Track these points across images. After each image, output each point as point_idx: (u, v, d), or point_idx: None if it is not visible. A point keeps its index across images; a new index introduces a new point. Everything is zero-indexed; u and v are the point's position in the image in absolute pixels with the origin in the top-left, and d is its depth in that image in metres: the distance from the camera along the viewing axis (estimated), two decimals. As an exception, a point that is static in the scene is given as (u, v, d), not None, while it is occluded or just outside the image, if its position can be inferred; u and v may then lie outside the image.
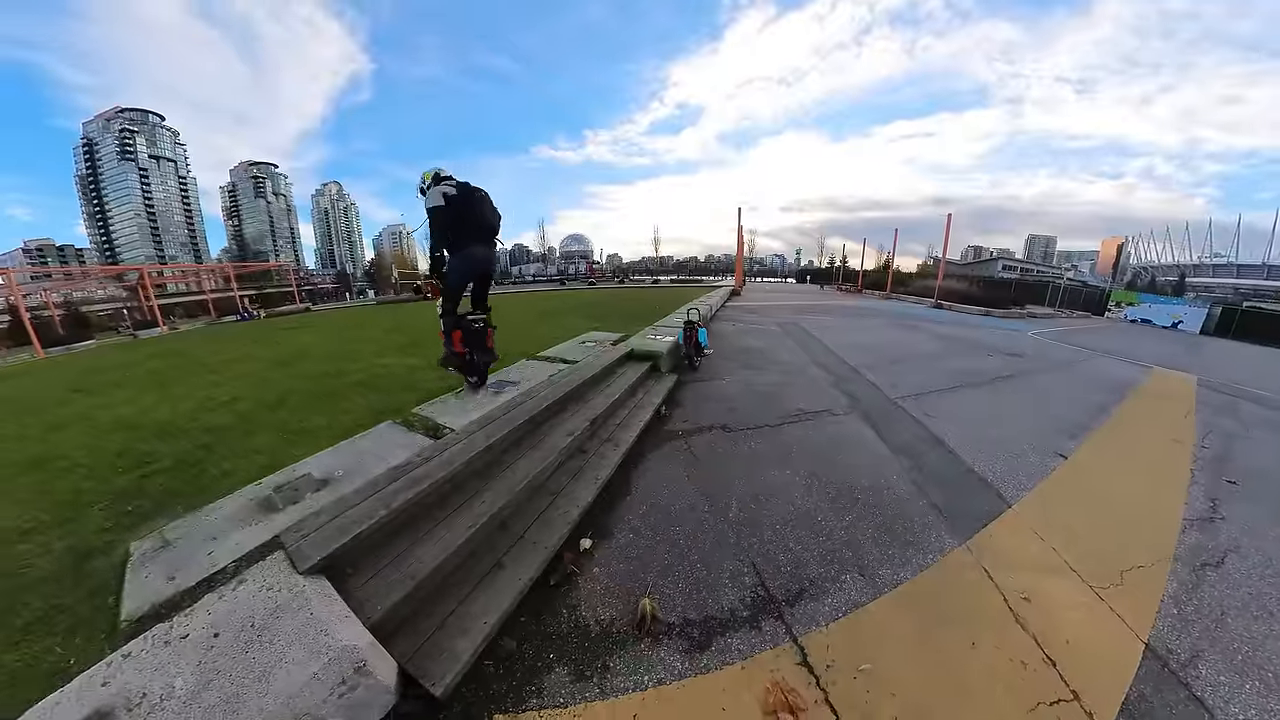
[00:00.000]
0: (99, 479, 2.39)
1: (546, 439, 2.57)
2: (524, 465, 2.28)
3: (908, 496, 2.47)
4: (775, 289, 29.33)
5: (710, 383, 4.54)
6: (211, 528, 1.77)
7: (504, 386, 3.29)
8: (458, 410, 2.86)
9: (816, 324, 9.57)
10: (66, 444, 3.05)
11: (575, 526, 2.02)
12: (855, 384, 4.73)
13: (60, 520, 2.00)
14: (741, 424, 3.43)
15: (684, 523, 2.18)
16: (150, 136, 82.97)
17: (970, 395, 4.59)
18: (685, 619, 1.61)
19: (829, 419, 3.65)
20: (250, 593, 1.36)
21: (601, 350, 4.45)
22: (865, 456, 2.98)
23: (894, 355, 6.48)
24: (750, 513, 2.27)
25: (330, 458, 2.31)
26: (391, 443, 2.43)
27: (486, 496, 2.00)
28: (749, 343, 7.00)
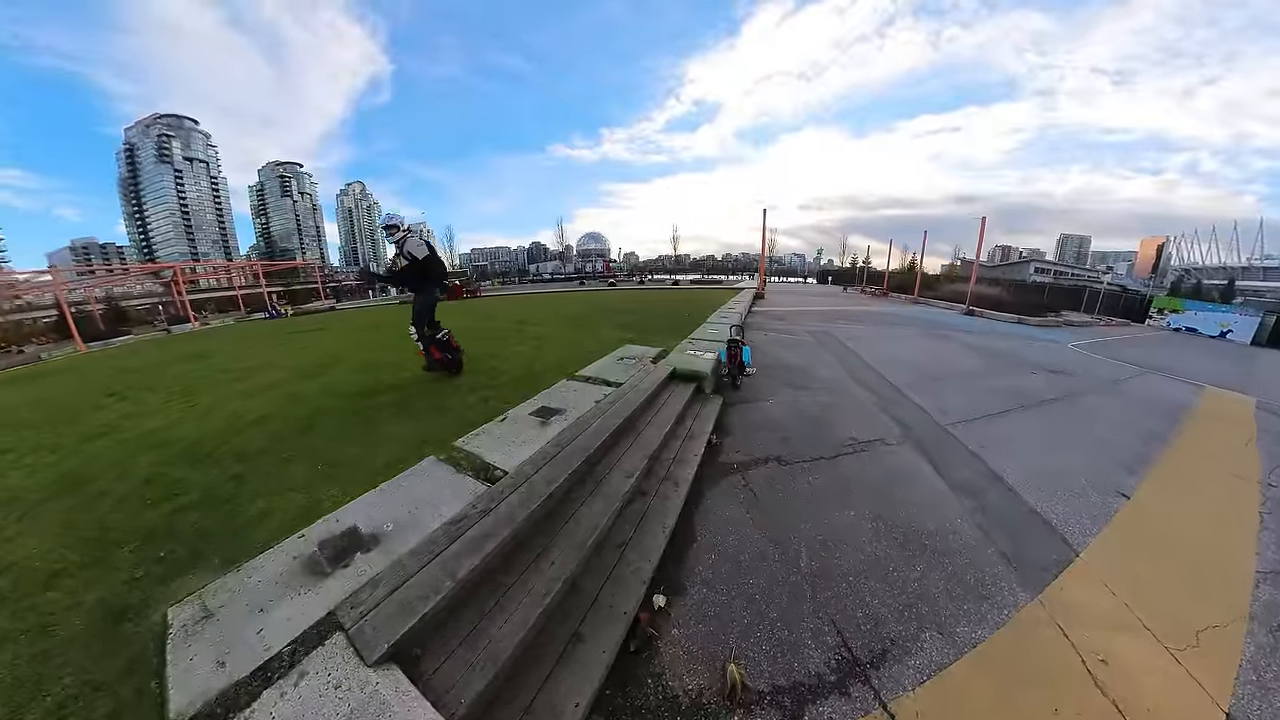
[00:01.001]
0: (128, 511, 2.38)
1: (606, 481, 2.55)
2: (587, 514, 2.23)
3: (975, 543, 2.45)
4: (796, 291, 28.91)
5: (755, 405, 4.54)
6: (256, 593, 1.63)
7: (550, 416, 3.29)
8: (503, 443, 2.79)
9: (849, 334, 9.44)
10: (97, 461, 3.16)
11: (649, 584, 1.99)
12: (902, 408, 4.67)
13: (88, 561, 1.96)
14: (796, 455, 3.44)
15: (756, 574, 2.19)
16: (185, 140, 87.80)
17: (1020, 421, 4.50)
18: (774, 685, 1.62)
19: (883, 449, 3.63)
20: (316, 691, 1.23)
21: (642, 369, 4.50)
22: (925, 494, 2.96)
23: (934, 372, 6.36)
24: (821, 561, 2.28)
25: (376, 502, 2.20)
26: (440, 485, 2.32)
27: (554, 555, 1.95)
28: (785, 356, 6.96)
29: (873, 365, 6.46)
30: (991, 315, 15.17)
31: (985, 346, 8.69)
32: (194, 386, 5.42)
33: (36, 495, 2.71)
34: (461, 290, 24.94)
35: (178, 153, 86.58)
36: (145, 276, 44.45)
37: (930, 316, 14.39)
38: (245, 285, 39.59)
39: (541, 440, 2.79)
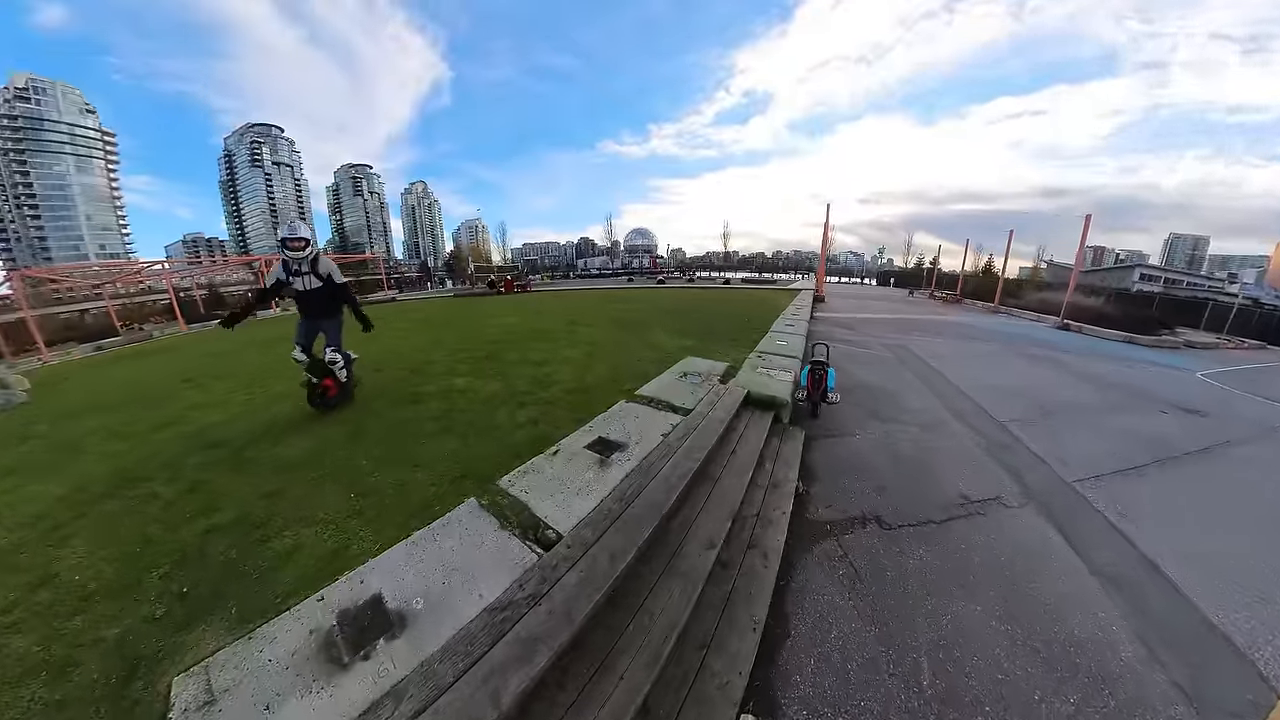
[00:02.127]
0: (168, 523, 2.43)
1: (681, 552, 2.05)
2: (660, 602, 1.79)
3: (1139, 664, 1.86)
4: (856, 294, 26.98)
5: (840, 440, 3.95)
6: (265, 679, 1.41)
7: (610, 452, 2.80)
8: (556, 487, 2.36)
9: (928, 349, 8.38)
10: (157, 457, 3.35)
11: (739, 706, 1.53)
12: (1013, 453, 3.91)
13: (121, 585, 1.98)
14: (898, 515, 2.86)
15: (868, 692, 1.71)
16: (273, 146, 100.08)
17: (1163, 481, 3.64)
18: None
19: (1002, 513, 2.98)
20: None
21: (711, 390, 3.97)
22: (1064, 582, 2.34)
23: (1042, 403, 5.38)
24: (947, 679, 1.77)
25: (404, 560, 1.90)
26: (480, 545, 1.95)
27: (622, 665, 1.53)
28: (862, 376, 6.21)
29: (966, 392, 5.59)
30: (1092, 331, 12.83)
31: (1094, 372, 7.32)
32: (260, 375, 5.77)
33: (99, 488, 2.93)
34: (512, 285, 25.35)
35: (267, 158, 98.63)
36: (239, 267, 49.74)
37: (1016, 330, 12.56)
38: (320, 276, 43.01)
39: (601, 488, 2.37)
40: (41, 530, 2.46)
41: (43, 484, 3.08)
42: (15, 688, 1.53)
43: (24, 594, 1.97)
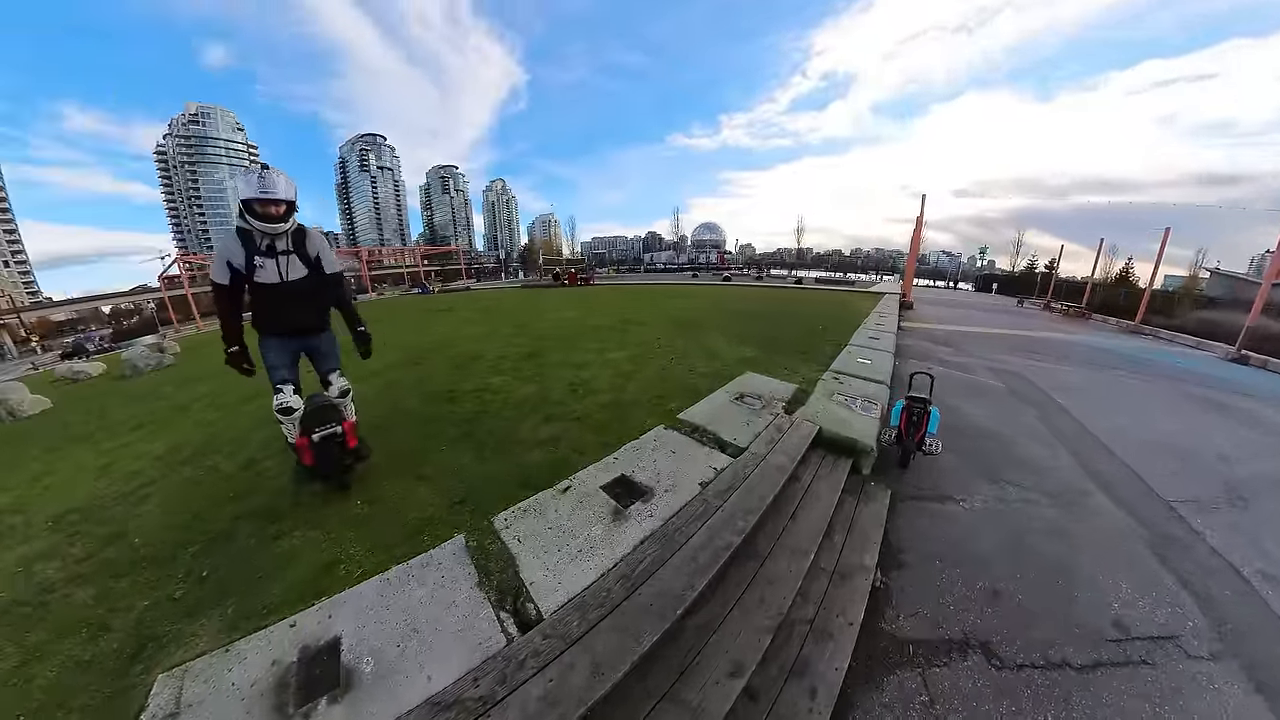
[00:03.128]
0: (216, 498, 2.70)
1: (695, 672, 1.47)
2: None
3: None
4: (952, 301, 23.69)
5: (939, 505, 3.02)
6: (222, 702, 1.40)
7: (631, 500, 2.26)
8: (554, 540, 1.94)
9: (1050, 379, 6.65)
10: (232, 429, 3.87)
11: None
12: (1192, 556, 2.70)
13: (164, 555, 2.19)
14: (1018, 647, 1.97)
15: None
16: (378, 153, 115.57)
17: None
18: None
19: (1182, 665, 1.94)
20: None
21: (770, 422, 3.23)
22: None
23: (1229, 477, 3.79)
24: None
25: (374, 603, 1.73)
26: (450, 605, 1.65)
27: None
28: (969, 412, 4.96)
29: (1110, 447, 4.19)
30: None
31: None
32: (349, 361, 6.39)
33: (186, 452, 3.36)
34: (575, 277, 25.61)
35: (372, 163, 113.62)
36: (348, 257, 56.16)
37: (1170, 359, 9.69)
38: (412, 265, 47.98)
39: (607, 554, 1.84)
40: (134, 486, 2.94)
41: (152, 442, 3.71)
42: (61, 639, 1.73)
43: (99, 547, 2.28)
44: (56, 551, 2.30)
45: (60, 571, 2.14)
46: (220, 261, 2.30)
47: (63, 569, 2.16)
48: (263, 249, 2.33)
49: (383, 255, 63.48)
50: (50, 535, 2.47)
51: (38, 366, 19.30)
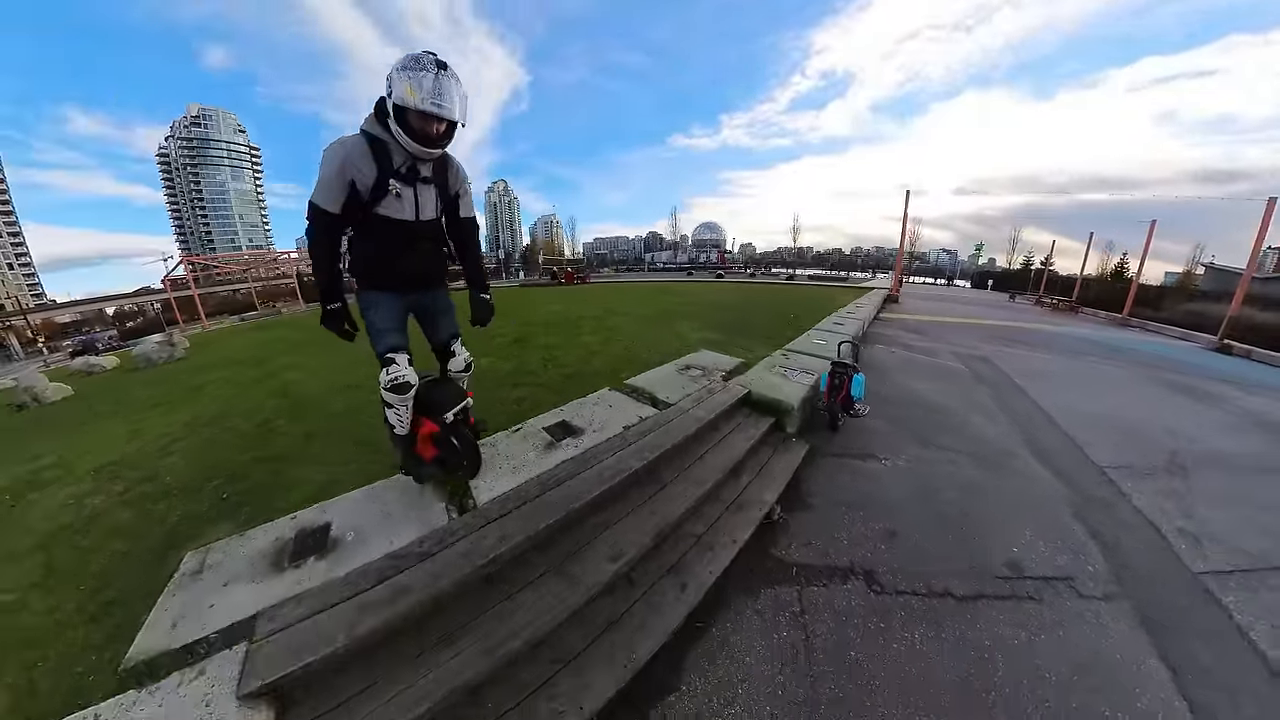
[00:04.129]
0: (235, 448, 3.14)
1: (582, 556, 1.80)
2: (532, 599, 1.63)
3: None
4: (944, 296, 23.88)
5: (860, 462, 3.18)
6: (234, 565, 1.81)
7: (564, 437, 2.63)
8: (498, 462, 2.37)
9: (1019, 364, 6.76)
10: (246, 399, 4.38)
11: None
12: (1112, 514, 2.79)
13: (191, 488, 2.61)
14: (902, 576, 2.12)
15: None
16: None
17: None
18: None
19: (1070, 603, 2.04)
20: (191, 700, 1.28)
21: (707, 387, 3.49)
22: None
23: (1175, 450, 3.83)
24: None
25: (358, 504, 2.18)
26: (415, 502, 2.12)
27: (464, 646, 1.48)
28: (919, 389, 5.09)
29: (1060, 423, 4.26)
30: (1266, 356, 9.46)
31: (1268, 415, 5.18)
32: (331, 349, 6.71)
33: (206, 419, 3.87)
34: (572, 277, 25.96)
35: None
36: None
37: (1152, 348, 9.86)
38: (413, 266, 48.30)
39: (535, 470, 2.23)
40: (162, 445, 3.38)
41: (174, 414, 4.17)
42: (109, 540, 2.19)
43: (135, 485, 2.73)
44: (99, 490, 2.74)
45: (104, 502, 2.57)
46: (337, 177, 1.64)
47: (106, 500, 2.59)
48: (402, 171, 1.72)
49: (384, 256, 64.00)
50: (93, 480, 2.90)
51: (50, 364, 19.88)
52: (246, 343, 9.11)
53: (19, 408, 6.69)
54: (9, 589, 1.91)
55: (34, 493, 2.82)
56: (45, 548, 2.19)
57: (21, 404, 6.77)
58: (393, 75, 1.57)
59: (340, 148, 1.65)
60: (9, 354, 38.04)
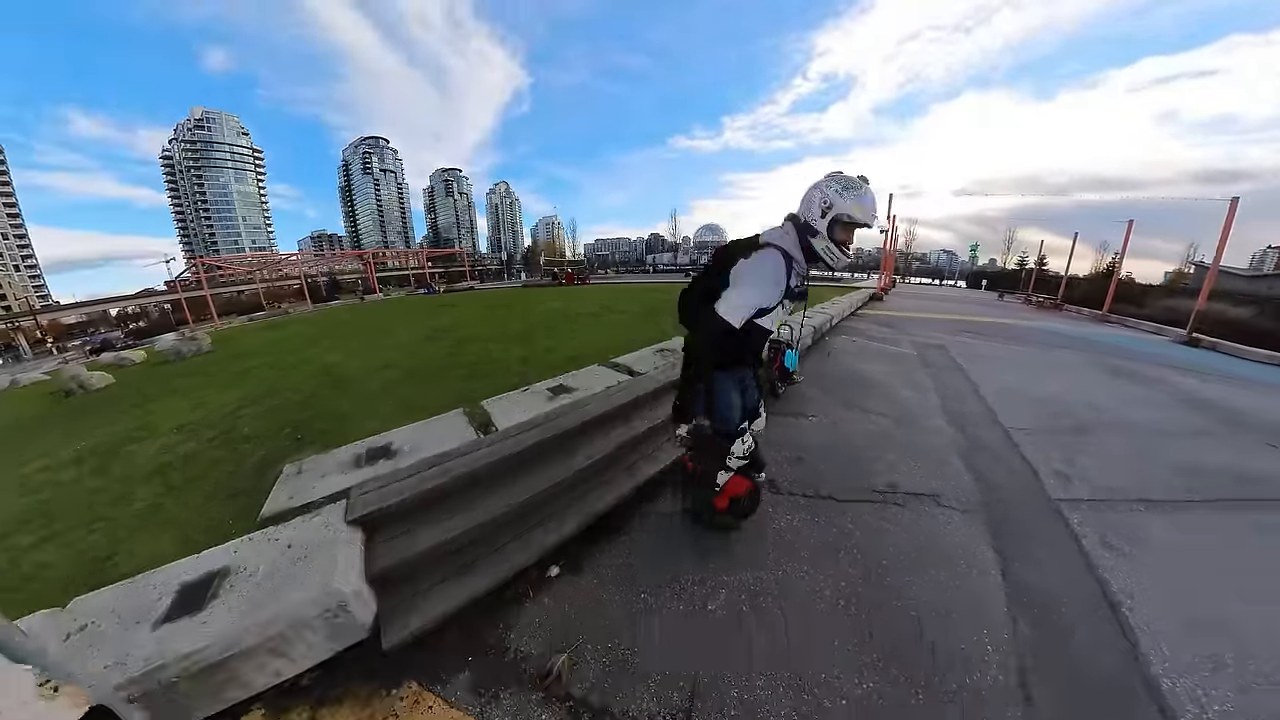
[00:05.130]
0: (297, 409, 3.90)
1: (568, 457, 2.61)
2: (533, 481, 2.39)
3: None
4: (934, 295, 24.47)
5: (790, 419, 3.90)
6: (324, 467, 2.53)
7: (561, 393, 3.43)
8: (513, 408, 3.19)
9: (971, 351, 7.36)
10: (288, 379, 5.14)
11: (547, 553, 2.16)
12: (999, 459, 3.31)
13: (266, 435, 3.38)
14: (798, 485, 2.81)
15: (659, 591, 1.94)
16: (380, 156, 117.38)
17: (1215, 523, 2.64)
18: (584, 698, 1.52)
19: (931, 511, 2.61)
20: (315, 526, 1.94)
21: (672, 362, 4.24)
22: (963, 594, 1.97)
23: (1085, 419, 4.21)
24: (731, 608, 1.87)
25: (410, 432, 2.94)
26: (451, 429, 2.90)
27: (490, 502, 2.22)
28: (865, 368, 5.81)
29: (985, 396, 4.82)
30: (1231, 348, 10.15)
31: (1201, 394, 5.54)
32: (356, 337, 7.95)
33: (259, 393, 4.63)
34: (573, 277, 26.81)
35: (376, 166, 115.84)
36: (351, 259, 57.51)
37: (1123, 342, 10.35)
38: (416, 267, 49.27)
39: (539, 411, 3.03)
40: (226, 412, 4.06)
41: (227, 393, 4.81)
42: (212, 468, 2.88)
43: (219, 434, 3.48)
44: (188, 440, 3.42)
45: (196, 447, 3.27)
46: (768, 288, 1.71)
47: (197, 446, 3.28)
48: (795, 289, 1.82)
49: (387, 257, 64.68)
50: (179, 435, 3.57)
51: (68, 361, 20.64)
52: (265, 339, 9.86)
53: (66, 394, 7.44)
54: (144, 498, 2.59)
55: (130, 445, 3.52)
56: (161, 474, 2.87)
57: (69, 391, 7.53)
58: (829, 195, 1.65)
59: (774, 272, 1.69)
60: (18, 354, 38.89)
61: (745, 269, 1.71)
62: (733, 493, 2.12)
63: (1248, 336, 10.93)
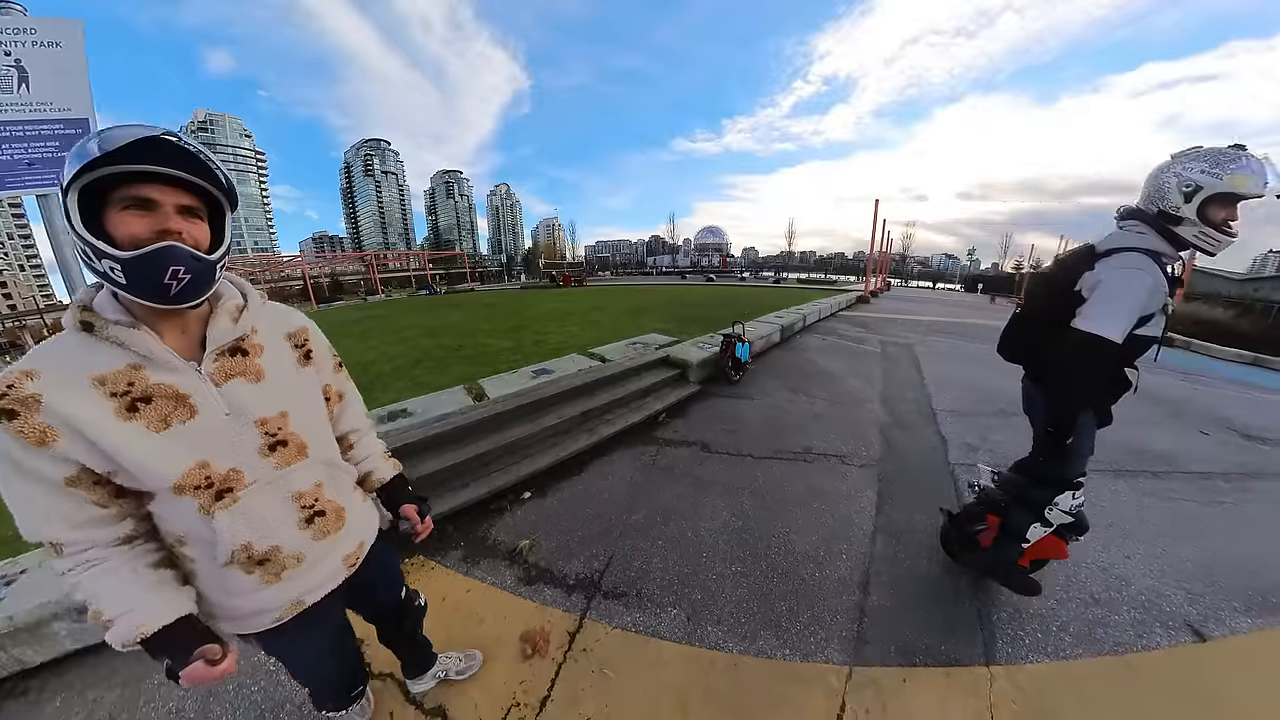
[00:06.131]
0: (430, 359, 5.32)
1: (543, 416, 3.38)
2: (515, 431, 3.14)
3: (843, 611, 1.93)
4: (925, 298, 24.89)
5: (738, 400, 4.48)
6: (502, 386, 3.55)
7: (542, 375, 4.06)
8: (502, 385, 3.86)
9: (935, 349, 7.83)
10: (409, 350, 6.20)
11: (521, 481, 2.86)
12: (916, 433, 3.79)
13: (439, 360, 5.20)
14: (726, 447, 3.40)
15: (600, 507, 2.64)
16: (382, 158, 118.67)
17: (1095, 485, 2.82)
18: (535, 564, 2.20)
19: (834, 467, 3.14)
20: None
21: (642, 353, 4.89)
22: (833, 520, 2.50)
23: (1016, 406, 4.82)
24: (649, 520, 2.50)
25: (421, 401, 3.50)
26: (454, 399, 3.54)
27: (481, 444, 2.94)
28: (824, 362, 6.36)
29: (929, 386, 5.28)
30: (1203, 347, 10.49)
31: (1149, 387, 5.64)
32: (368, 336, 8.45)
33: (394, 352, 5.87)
34: (569, 279, 27.56)
35: (377, 168, 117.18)
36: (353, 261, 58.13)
37: None
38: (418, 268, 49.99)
39: (524, 387, 3.72)
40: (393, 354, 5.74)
41: None
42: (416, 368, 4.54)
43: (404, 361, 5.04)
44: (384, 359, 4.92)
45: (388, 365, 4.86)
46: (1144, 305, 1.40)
47: (389, 363, 4.99)
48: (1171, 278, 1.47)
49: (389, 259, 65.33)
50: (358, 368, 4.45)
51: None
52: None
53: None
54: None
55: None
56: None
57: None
58: (1191, 176, 1.37)
59: (1146, 270, 1.40)
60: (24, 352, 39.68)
61: (1109, 275, 1.43)
62: (1041, 553, 1.85)
63: (1224, 337, 11.43)
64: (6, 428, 0.65)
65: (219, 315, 0.80)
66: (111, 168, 0.64)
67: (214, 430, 0.77)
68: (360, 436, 1.12)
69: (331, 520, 0.93)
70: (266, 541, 0.84)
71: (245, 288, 0.88)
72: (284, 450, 0.85)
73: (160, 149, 0.65)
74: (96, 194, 0.66)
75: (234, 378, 0.80)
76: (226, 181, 0.74)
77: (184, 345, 0.77)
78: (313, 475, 0.91)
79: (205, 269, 0.71)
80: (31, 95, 1.55)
